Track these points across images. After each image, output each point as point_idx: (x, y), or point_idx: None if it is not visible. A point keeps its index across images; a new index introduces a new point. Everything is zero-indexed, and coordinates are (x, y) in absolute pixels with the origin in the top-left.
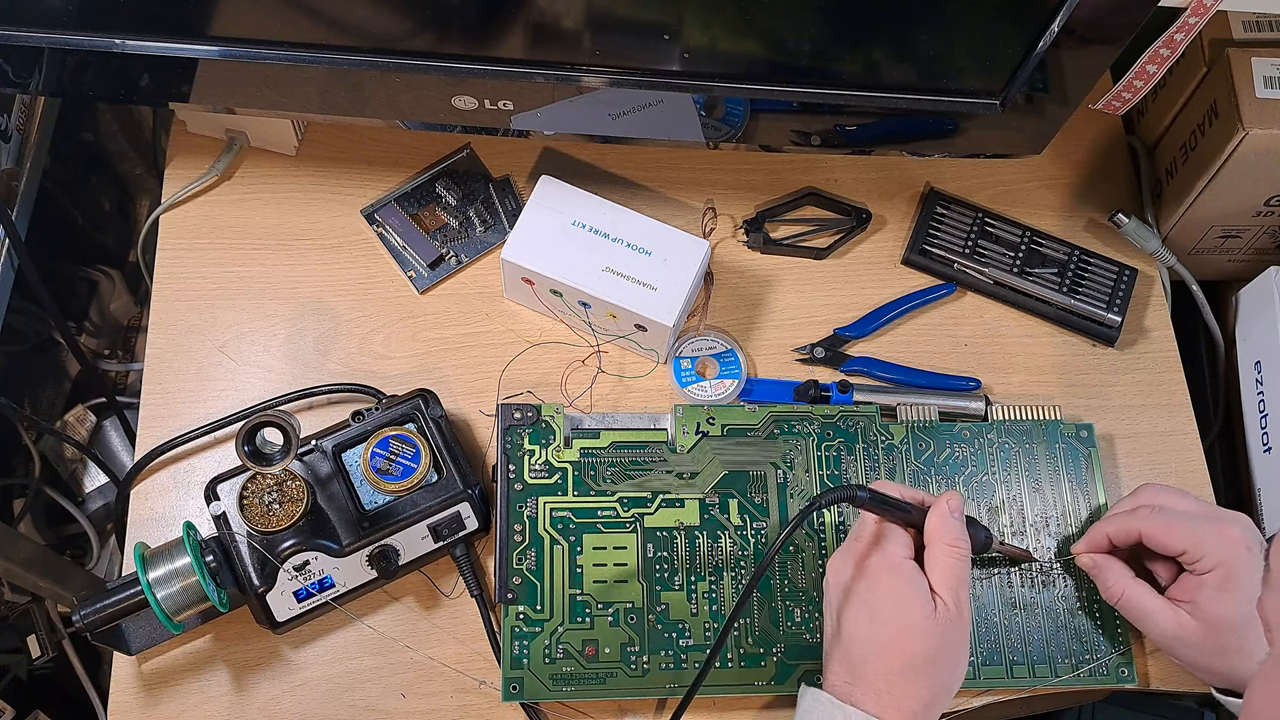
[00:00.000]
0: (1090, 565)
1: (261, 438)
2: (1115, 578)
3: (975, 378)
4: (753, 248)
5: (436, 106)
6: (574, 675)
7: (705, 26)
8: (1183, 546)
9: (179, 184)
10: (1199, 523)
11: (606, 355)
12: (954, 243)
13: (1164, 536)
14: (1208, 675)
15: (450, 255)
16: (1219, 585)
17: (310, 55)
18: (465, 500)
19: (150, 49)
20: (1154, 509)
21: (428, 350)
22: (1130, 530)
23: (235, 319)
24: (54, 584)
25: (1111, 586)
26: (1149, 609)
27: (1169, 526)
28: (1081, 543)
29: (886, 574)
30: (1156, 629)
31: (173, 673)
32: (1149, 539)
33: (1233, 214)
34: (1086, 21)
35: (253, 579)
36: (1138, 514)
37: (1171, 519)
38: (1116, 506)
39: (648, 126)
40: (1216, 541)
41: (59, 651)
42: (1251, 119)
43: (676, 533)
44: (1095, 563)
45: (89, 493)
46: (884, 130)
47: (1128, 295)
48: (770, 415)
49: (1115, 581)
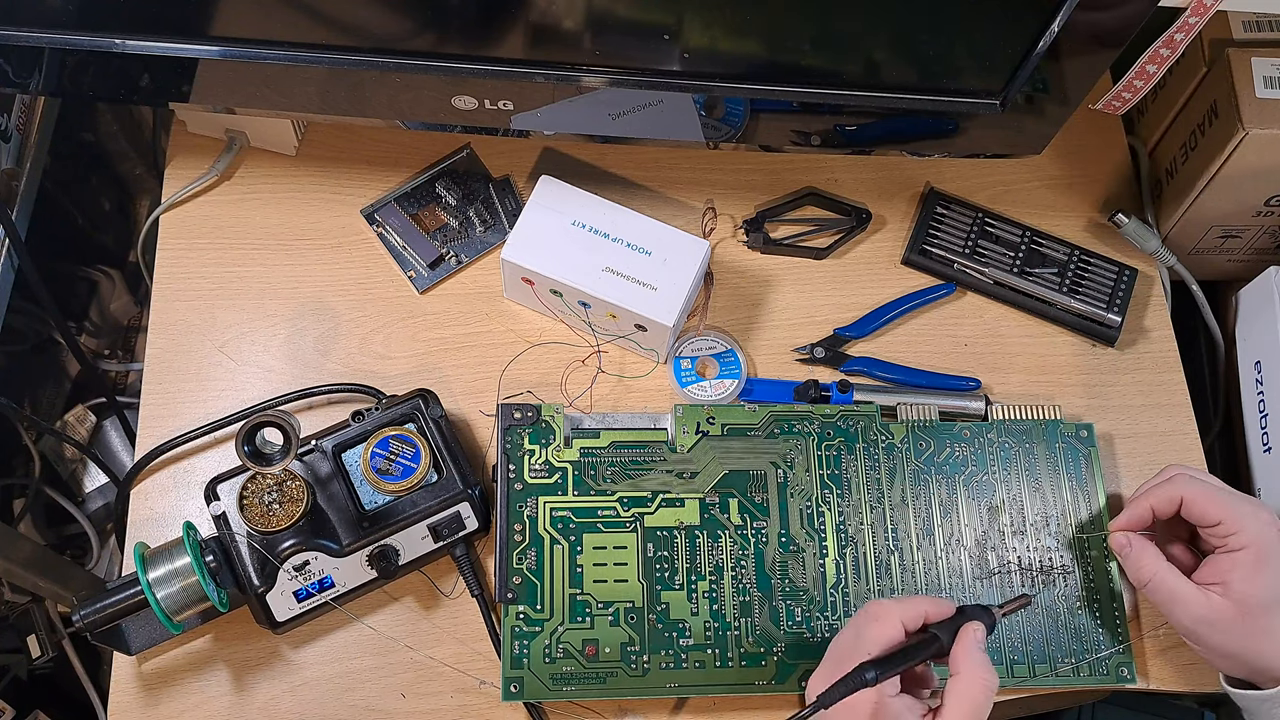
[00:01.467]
0: (1124, 545)
1: (261, 438)
2: (1149, 559)
3: (975, 378)
4: (753, 248)
5: (436, 106)
6: (574, 675)
7: (705, 26)
8: (1221, 516)
9: (179, 184)
10: (1235, 498)
11: (606, 355)
12: (954, 243)
13: (1205, 502)
14: (1231, 662)
15: (450, 255)
16: (1253, 564)
17: (310, 55)
18: (465, 500)
19: (150, 49)
20: (1190, 477)
21: (428, 350)
22: (1173, 497)
23: (235, 319)
24: (54, 584)
25: (1144, 568)
26: (1181, 592)
27: (1210, 493)
28: (1121, 519)
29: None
30: (1187, 612)
31: (173, 673)
32: (1190, 503)
33: (1233, 214)
34: (1086, 21)
35: (253, 579)
36: (1175, 481)
37: (1211, 488)
38: (1145, 485)
39: (648, 126)
40: (1253, 518)
41: (59, 651)
42: (1251, 119)
43: (676, 532)
44: (1130, 542)
45: (89, 493)
46: (884, 130)
47: (1128, 295)
48: (770, 415)
49: (1148, 563)
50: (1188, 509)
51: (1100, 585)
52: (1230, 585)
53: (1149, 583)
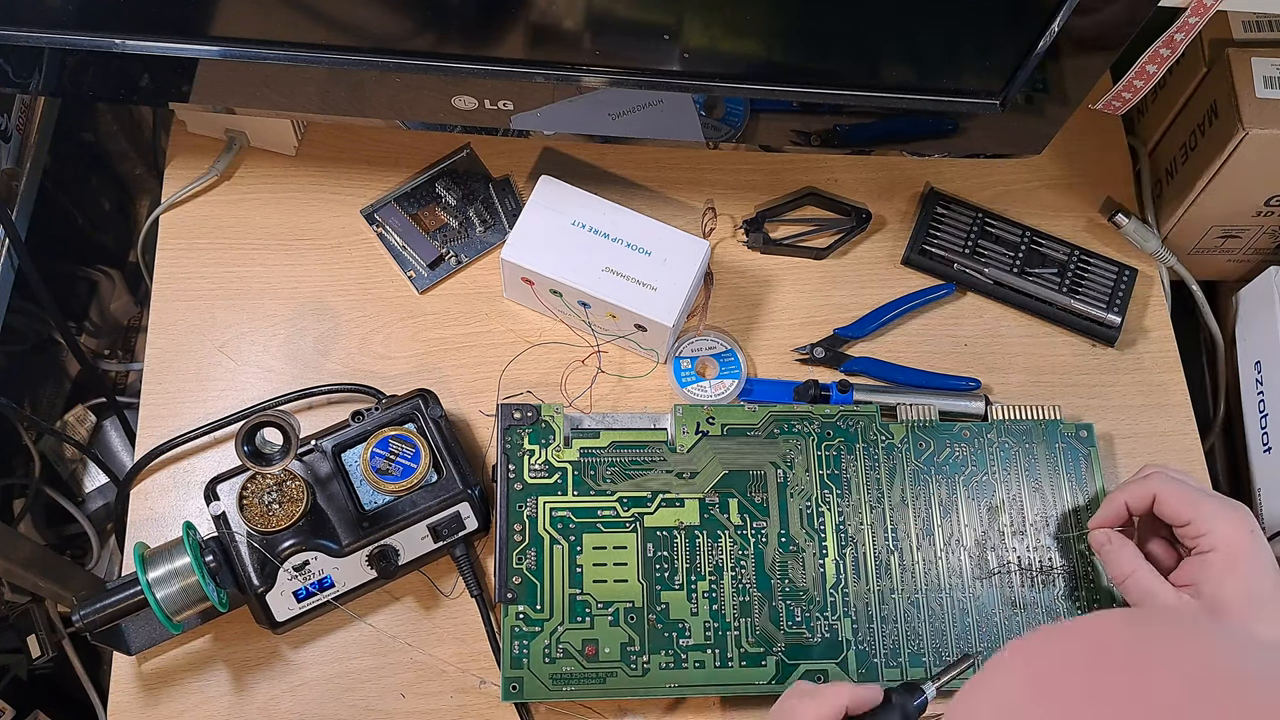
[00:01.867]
0: (1104, 542)
1: (261, 438)
2: (1128, 557)
3: (975, 378)
4: (753, 248)
5: (436, 106)
6: (574, 675)
7: (705, 26)
8: (1191, 515)
9: (179, 184)
10: (1209, 499)
11: (606, 355)
12: (954, 243)
13: (1177, 500)
14: None
15: (450, 255)
16: (1222, 567)
17: (310, 55)
18: (465, 500)
19: (150, 49)
20: (1167, 476)
21: (428, 350)
22: (1145, 494)
23: (235, 319)
24: (54, 584)
25: (1123, 565)
26: (1155, 590)
27: (1182, 492)
28: (1098, 516)
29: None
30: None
31: (173, 673)
32: (1163, 501)
33: (1233, 214)
34: (1086, 22)
35: (252, 579)
36: (1151, 478)
37: (1184, 486)
38: (1124, 482)
39: (648, 126)
40: (1223, 520)
41: (59, 651)
42: (1251, 119)
43: (676, 532)
44: (1110, 539)
45: (89, 493)
46: (884, 130)
47: (1128, 295)
48: (770, 415)
49: (1127, 561)
50: (1159, 507)
51: (1100, 585)
52: (1200, 588)
53: (1126, 580)
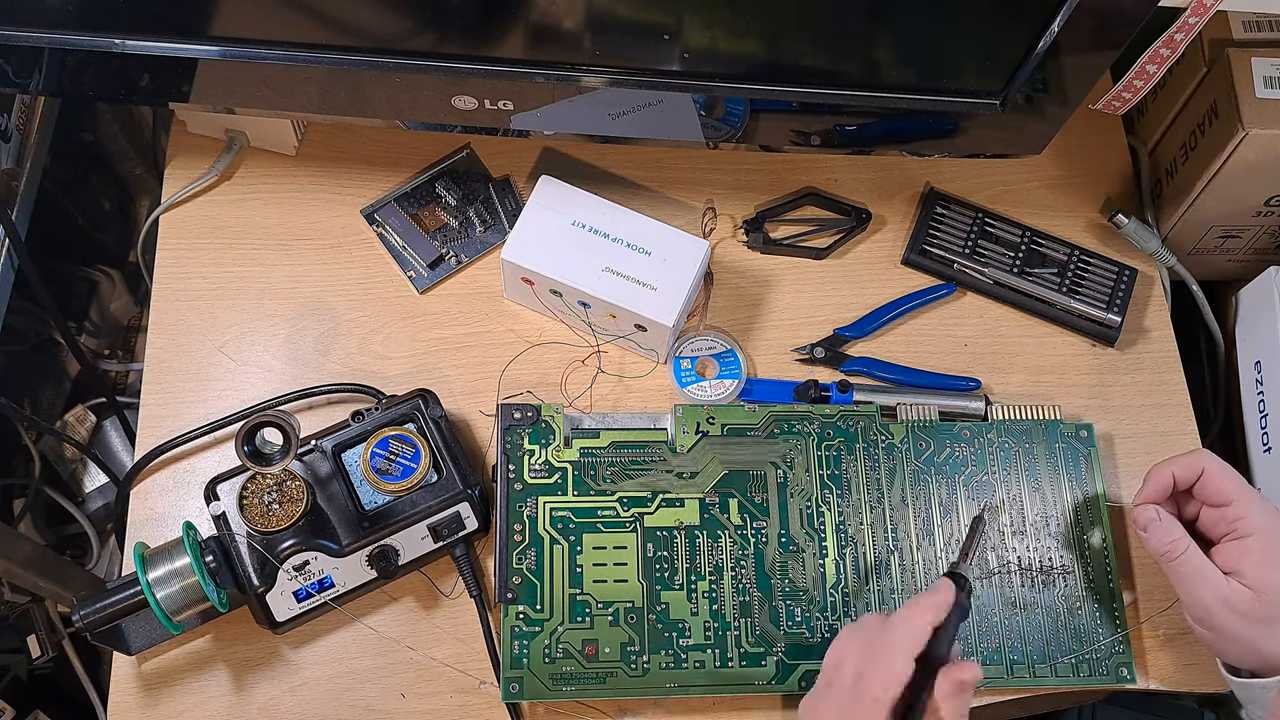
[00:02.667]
0: (1152, 518)
1: (261, 438)
2: (1180, 535)
3: (975, 378)
4: (753, 248)
5: (436, 106)
6: (574, 675)
7: (705, 26)
8: (1235, 495)
9: (179, 184)
10: (1248, 485)
11: (606, 355)
12: (954, 243)
13: (1223, 479)
14: (1240, 649)
15: (450, 255)
16: (1263, 553)
17: (310, 55)
18: (465, 500)
19: (150, 49)
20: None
21: (428, 350)
22: (1195, 467)
23: (235, 319)
24: (54, 584)
25: (1176, 541)
26: (1208, 569)
27: (1230, 472)
28: (1144, 491)
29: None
30: (1209, 590)
31: (173, 673)
32: (1211, 476)
33: (1233, 214)
34: (1086, 22)
35: (252, 579)
36: (1199, 454)
37: (1231, 469)
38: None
39: (648, 126)
40: (1260, 507)
41: (59, 651)
42: (1251, 119)
43: (676, 532)
44: (1159, 515)
45: (89, 493)
46: (884, 130)
47: (1128, 295)
48: (770, 415)
49: (1179, 537)
50: (1205, 482)
51: (1100, 585)
52: (1244, 573)
53: (1178, 557)
